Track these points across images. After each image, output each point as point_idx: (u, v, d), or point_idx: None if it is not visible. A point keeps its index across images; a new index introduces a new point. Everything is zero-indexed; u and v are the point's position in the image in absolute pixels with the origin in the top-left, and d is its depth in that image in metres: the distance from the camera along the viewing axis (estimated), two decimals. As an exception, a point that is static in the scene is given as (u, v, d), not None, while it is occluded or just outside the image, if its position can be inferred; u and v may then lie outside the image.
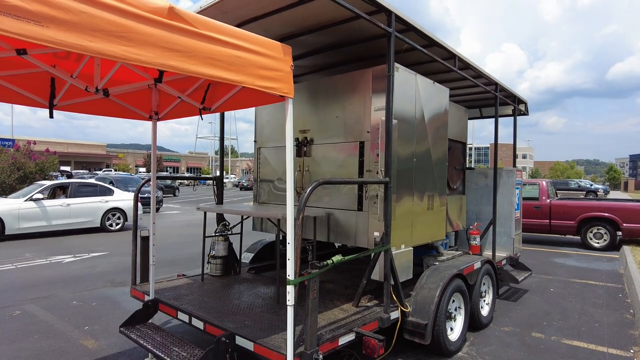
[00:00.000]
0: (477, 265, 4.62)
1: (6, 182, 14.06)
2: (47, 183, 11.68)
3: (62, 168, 36.55)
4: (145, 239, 4.16)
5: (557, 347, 4.30)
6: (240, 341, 2.94)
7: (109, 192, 12.52)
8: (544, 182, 11.34)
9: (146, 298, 3.86)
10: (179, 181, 38.08)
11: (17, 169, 14.23)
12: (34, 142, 16.05)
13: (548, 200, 11.00)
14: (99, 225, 12.02)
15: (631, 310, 5.52)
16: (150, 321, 3.74)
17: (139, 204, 4.59)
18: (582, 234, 10.57)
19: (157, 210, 18.12)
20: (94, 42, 1.65)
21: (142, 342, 3.27)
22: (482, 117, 7.40)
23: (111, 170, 42.68)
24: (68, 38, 1.58)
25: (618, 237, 10.22)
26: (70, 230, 11.69)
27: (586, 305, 5.74)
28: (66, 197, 11.54)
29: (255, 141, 5.29)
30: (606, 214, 10.26)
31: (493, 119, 6.13)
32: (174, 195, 30.63)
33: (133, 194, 11.34)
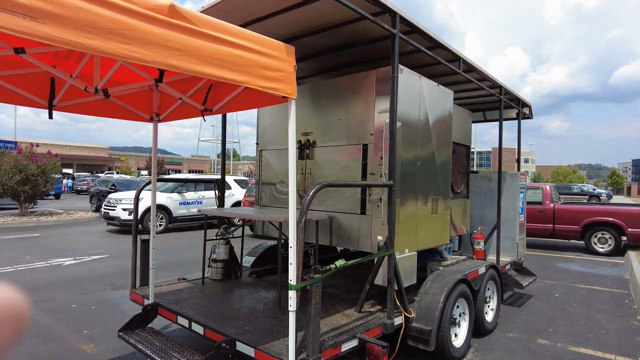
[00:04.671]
0: (482, 270, 4.55)
1: (8, 184, 14.06)
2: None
3: (64, 170, 36.56)
4: (145, 242, 4.11)
5: (564, 354, 4.22)
6: (240, 347, 2.88)
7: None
8: (548, 187, 11.25)
9: (146, 302, 3.80)
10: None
11: (19, 171, 14.21)
12: (37, 145, 16.03)
13: (552, 205, 10.91)
14: None
15: (638, 317, 5.43)
16: (149, 325, 3.68)
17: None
18: (587, 239, 10.48)
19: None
20: (92, 40, 1.60)
21: (140, 347, 3.21)
22: (485, 120, 7.34)
23: (113, 173, 42.63)
24: (65, 35, 1.53)
25: (623, 242, 10.12)
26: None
27: (592, 311, 5.65)
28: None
29: (257, 144, 5.25)
30: (611, 219, 10.16)
31: (496, 123, 6.07)
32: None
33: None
